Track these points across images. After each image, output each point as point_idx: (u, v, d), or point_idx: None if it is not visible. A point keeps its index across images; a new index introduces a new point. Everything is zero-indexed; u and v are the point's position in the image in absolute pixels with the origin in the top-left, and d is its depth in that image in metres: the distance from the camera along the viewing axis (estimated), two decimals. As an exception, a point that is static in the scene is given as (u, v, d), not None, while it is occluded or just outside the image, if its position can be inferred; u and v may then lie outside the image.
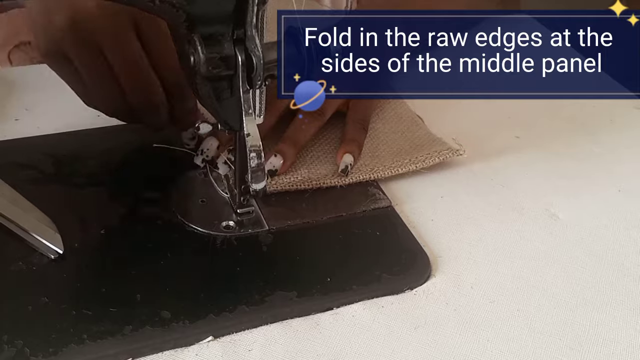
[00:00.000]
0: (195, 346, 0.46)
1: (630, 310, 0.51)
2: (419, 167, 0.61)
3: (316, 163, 0.61)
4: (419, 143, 0.63)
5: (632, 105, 0.74)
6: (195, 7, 0.45)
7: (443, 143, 0.63)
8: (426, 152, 0.62)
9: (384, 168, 0.60)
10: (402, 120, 0.67)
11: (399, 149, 0.63)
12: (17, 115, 0.65)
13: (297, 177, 0.59)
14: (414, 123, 0.66)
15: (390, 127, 0.66)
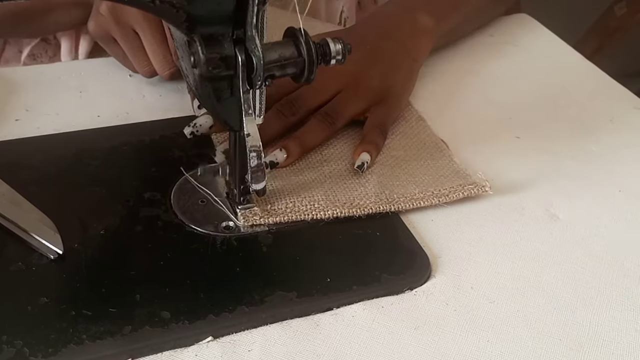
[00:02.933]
0: (194, 346, 0.46)
1: (630, 310, 0.51)
2: (442, 201, 0.58)
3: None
4: (442, 173, 0.60)
5: (632, 105, 0.74)
6: (195, 8, 0.45)
7: (467, 176, 0.60)
8: (450, 184, 0.59)
9: (405, 200, 0.57)
10: (425, 146, 0.64)
11: (421, 178, 0.60)
12: (17, 115, 0.65)
13: (314, 200, 0.57)
14: (438, 149, 0.64)
15: (413, 153, 0.63)
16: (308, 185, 0.58)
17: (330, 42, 0.50)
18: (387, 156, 0.62)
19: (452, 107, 0.72)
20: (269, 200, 0.55)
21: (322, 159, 0.62)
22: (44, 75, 0.71)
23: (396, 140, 0.64)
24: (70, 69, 0.73)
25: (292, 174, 0.59)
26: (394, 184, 0.59)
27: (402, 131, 0.66)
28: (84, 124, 0.65)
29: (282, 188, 0.57)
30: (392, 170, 0.61)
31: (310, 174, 0.60)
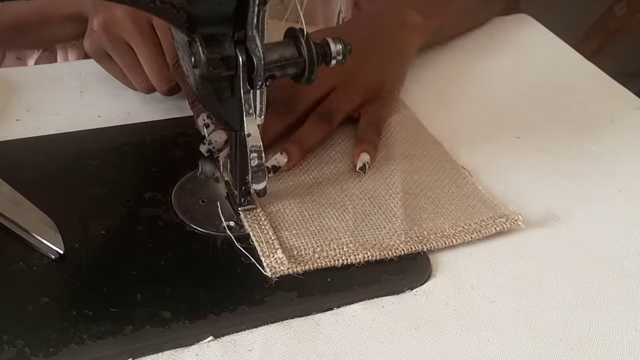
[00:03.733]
0: (195, 346, 0.46)
1: (630, 310, 0.51)
2: (474, 237, 0.55)
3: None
4: (469, 203, 0.58)
5: (632, 105, 0.74)
6: (196, 8, 0.45)
7: (495, 206, 0.58)
8: (479, 217, 0.56)
9: (436, 237, 0.54)
10: (445, 171, 0.61)
11: (448, 209, 0.57)
12: (18, 115, 0.65)
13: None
14: (459, 175, 0.61)
15: (434, 178, 0.61)
16: (333, 224, 0.54)
17: (331, 42, 0.50)
18: (409, 181, 0.59)
19: (452, 107, 0.72)
20: (294, 245, 0.52)
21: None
22: (45, 76, 0.72)
23: (417, 163, 0.62)
24: (71, 69, 0.73)
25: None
26: (421, 217, 0.56)
27: (421, 153, 0.63)
28: (85, 124, 0.65)
29: (305, 229, 0.54)
30: (417, 199, 0.58)
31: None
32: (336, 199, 0.57)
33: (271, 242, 0.52)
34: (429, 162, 0.62)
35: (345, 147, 0.63)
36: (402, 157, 0.62)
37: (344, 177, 0.60)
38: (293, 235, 0.53)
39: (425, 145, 0.64)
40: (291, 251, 0.52)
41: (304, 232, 0.53)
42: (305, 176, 0.59)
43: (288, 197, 0.57)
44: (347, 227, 0.54)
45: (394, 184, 0.59)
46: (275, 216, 0.55)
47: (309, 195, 0.57)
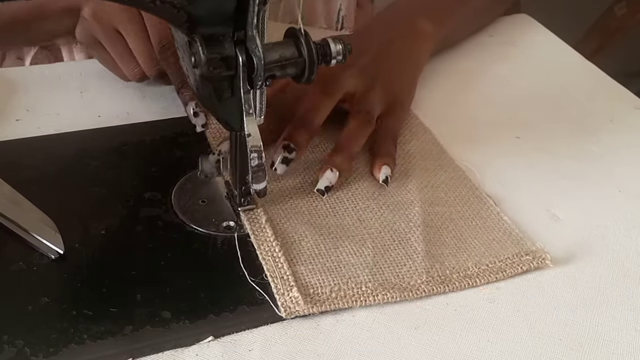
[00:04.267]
0: (195, 346, 0.46)
1: (630, 310, 0.51)
2: (499, 277, 0.52)
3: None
4: (493, 237, 0.55)
5: (632, 105, 0.74)
6: (196, 8, 0.45)
7: (521, 241, 0.55)
8: (504, 254, 0.54)
9: (459, 277, 0.52)
10: (468, 201, 0.59)
11: (472, 243, 0.55)
12: (18, 115, 0.65)
13: None
14: (483, 204, 0.58)
15: (456, 209, 0.58)
16: (351, 260, 0.52)
17: (331, 42, 0.50)
18: (430, 213, 0.57)
19: (452, 107, 0.72)
20: (310, 282, 0.50)
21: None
22: (44, 76, 0.71)
23: (438, 193, 0.59)
24: (71, 69, 0.73)
25: None
26: (443, 253, 0.53)
27: (443, 180, 0.61)
28: (85, 124, 0.65)
29: (322, 264, 0.51)
30: (439, 233, 0.55)
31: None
32: (354, 230, 0.54)
33: (286, 278, 0.49)
34: (450, 191, 0.60)
35: (359, 169, 0.60)
36: (423, 187, 0.59)
37: (362, 205, 0.57)
38: (309, 271, 0.50)
39: (445, 171, 0.62)
40: (307, 289, 0.49)
41: (320, 267, 0.51)
42: (320, 202, 0.57)
43: (304, 226, 0.54)
44: (365, 263, 0.52)
45: (414, 215, 0.56)
46: (291, 248, 0.52)
47: (325, 225, 0.55)
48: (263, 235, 0.53)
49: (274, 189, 0.58)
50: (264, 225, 0.54)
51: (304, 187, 0.59)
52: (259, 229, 0.53)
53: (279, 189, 0.58)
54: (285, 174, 0.58)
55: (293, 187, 0.58)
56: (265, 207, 0.56)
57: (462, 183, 0.61)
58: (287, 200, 0.57)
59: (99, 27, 0.64)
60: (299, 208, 0.56)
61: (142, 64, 0.66)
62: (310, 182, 0.59)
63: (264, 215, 0.55)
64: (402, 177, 0.60)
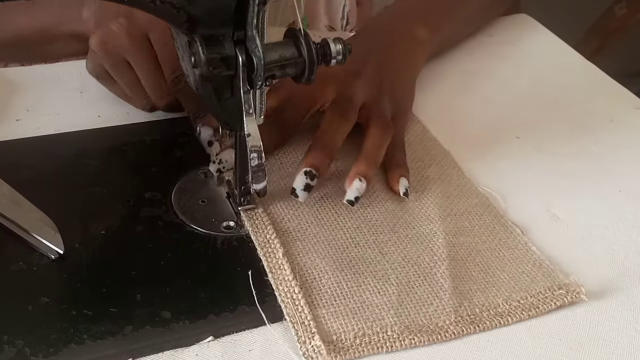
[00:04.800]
0: (195, 346, 0.46)
1: (630, 310, 0.51)
2: (532, 315, 0.49)
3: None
4: (522, 269, 0.53)
5: (632, 105, 0.74)
6: (195, 8, 0.45)
7: (552, 273, 0.52)
8: (536, 288, 0.51)
9: (489, 315, 0.49)
10: (493, 230, 0.56)
11: (500, 277, 0.52)
12: (18, 115, 0.65)
13: None
14: (509, 234, 0.56)
15: (481, 240, 0.55)
16: (374, 300, 0.49)
17: (331, 42, 0.50)
18: (455, 244, 0.54)
19: (452, 108, 0.72)
20: (332, 328, 0.47)
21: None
22: (44, 76, 0.71)
23: (462, 222, 0.57)
24: (71, 69, 0.73)
25: None
26: (471, 289, 0.51)
27: (466, 208, 0.58)
28: (85, 124, 0.65)
29: (344, 305, 0.48)
30: (465, 265, 0.53)
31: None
32: (377, 265, 0.52)
33: (307, 324, 0.46)
34: (474, 219, 0.57)
35: (375, 194, 0.58)
36: (445, 215, 0.57)
37: (383, 237, 0.54)
38: (331, 315, 0.48)
39: (468, 198, 0.59)
40: (329, 335, 0.46)
41: (342, 309, 0.48)
42: (338, 233, 0.54)
43: (323, 260, 0.51)
44: (390, 303, 0.49)
45: (439, 248, 0.53)
46: (311, 287, 0.49)
47: (346, 259, 0.52)
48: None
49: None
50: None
51: None
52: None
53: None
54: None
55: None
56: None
57: (486, 210, 0.58)
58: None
59: (107, 58, 0.62)
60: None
61: (151, 95, 0.64)
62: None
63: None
64: (423, 205, 0.58)
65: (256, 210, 0.55)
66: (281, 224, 0.54)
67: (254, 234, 0.53)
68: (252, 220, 0.54)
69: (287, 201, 0.56)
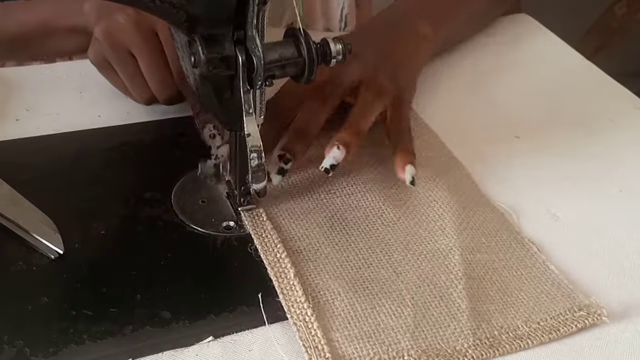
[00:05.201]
0: (195, 346, 0.46)
1: (631, 310, 0.51)
2: (553, 337, 0.48)
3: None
4: (541, 289, 0.51)
5: (632, 105, 0.74)
6: (195, 8, 0.45)
7: (572, 294, 0.51)
8: (556, 308, 0.49)
9: (508, 338, 0.47)
10: (510, 247, 0.54)
11: (519, 297, 0.50)
12: (18, 115, 0.65)
13: None
14: (527, 251, 0.54)
15: (498, 257, 0.53)
16: (390, 322, 0.47)
17: (331, 42, 0.50)
18: (472, 262, 0.52)
19: (452, 107, 0.72)
20: (347, 353, 0.45)
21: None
22: (44, 76, 0.71)
23: (478, 237, 0.55)
24: (70, 69, 0.73)
25: None
26: (489, 310, 0.49)
27: (482, 223, 0.56)
28: (85, 124, 0.65)
29: (359, 328, 0.47)
30: (482, 284, 0.51)
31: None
32: (391, 286, 0.50)
33: (320, 348, 0.45)
34: (491, 235, 0.55)
35: (386, 210, 0.56)
36: (461, 230, 0.55)
37: (397, 256, 0.52)
38: (345, 338, 0.46)
39: (483, 212, 0.57)
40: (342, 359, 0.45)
41: (357, 333, 0.46)
42: (351, 253, 0.53)
43: (335, 281, 0.50)
44: (406, 326, 0.47)
45: (455, 265, 0.52)
46: (324, 309, 0.48)
47: (359, 280, 0.50)
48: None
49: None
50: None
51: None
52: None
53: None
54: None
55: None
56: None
57: (503, 226, 0.56)
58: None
59: (110, 47, 0.62)
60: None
61: (153, 88, 0.64)
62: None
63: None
64: (438, 217, 0.56)
65: (262, 222, 0.54)
66: (291, 243, 0.52)
67: (264, 253, 0.51)
68: (259, 236, 0.53)
69: (297, 219, 0.55)
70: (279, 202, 0.56)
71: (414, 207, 0.57)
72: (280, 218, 0.55)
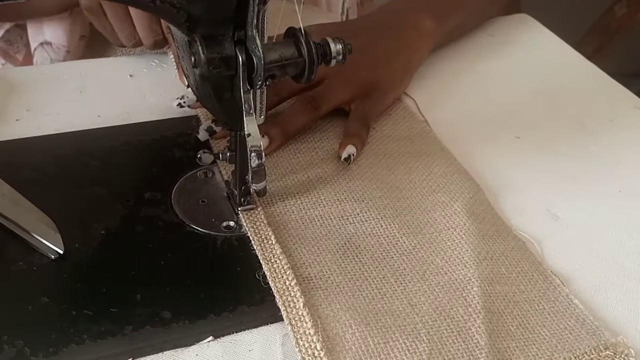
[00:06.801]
0: (195, 346, 0.46)
1: (630, 310, 0.51)
2: None
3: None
4: (565, 325, 0.48)
5: (632, 105, 0.74)
6: (196, 8, 0.45)
7: (598, 331, 0.48)
8: (580, 348, 0.47)
9: None
10: (532, 279, 0.51)
11: (541, 333, 0.48)
12: (18, 115, 0.65)
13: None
14: (549, 284, 0.51)
15: (519, 289, 0.50)
16: (403, 358, 0.45)
17: (331, 42, 0.50)
18: (491, 294, 0.50)
19: (452, 107, 0.72)
20: None
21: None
22: (44, 76, 0.71)
23: (498, 267, 0.52)
24: (71, 69, 0.73)
25: None
26: (509, 347, 0.46)
27: (502, 252, 0.53)
28: (85, 124, 0.64)
29: None
30: (502, 319, 0.48)
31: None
32: (405, 319, 0.47)
33: None
34: (511, 265, 0.52)
35: (401, 240, 0.54)
36: (481, 259, 0.52)
37: (412, 287, 0.50)
38: None
39: (504, 240, 0.54)
40: None
41: None
42: (364, 282, 0.50)
43: (347, 313, 0.47)
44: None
45: (473, 297, 0.49)
46: (334, 342, 0.45)
47: (372, 311, 0.47)
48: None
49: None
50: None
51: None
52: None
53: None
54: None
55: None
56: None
57: (524, 256, 0.53)
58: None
59: None
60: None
61: (140, 33, 0.67)
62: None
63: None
64: (456, 246, 0.53)
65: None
66: (301, 270, 0.50)
67: (272, 280, 0.49)
68: (267, 261, 0.50)
69: (307, 245, 0.52)
70: (289, 228, 0.54)
71: (430, 235, 0.54)
72: (290, 243, 0.52)
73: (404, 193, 0.58)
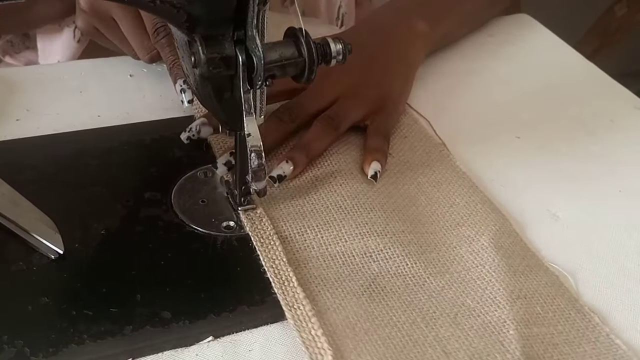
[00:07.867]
0: (195, 346, 0.46)
1: (630, 310, 0.51)
2: None
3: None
4: (590, 352, 0.46)
5: (632, 105, 0.74)
6: (195, 8, 0.45)
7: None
8: None
9: None
10: (569, 318, 0.48)
11: None
12: (18, 115, 0.65)
13: None
14: (589, 323, 0.48)
15: (557, 330, 0.47)
16: None
17: (331, 42, 0.50)
18: (529, 337, 0.46)
19: (452, 107, 0.72)
20: None
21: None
22: (44, 76, 0.71)
23: (533, 306, 0.49)
24: (70, 69, 0.73)
25: None
26: None
27: (536, 289, 0.50)
28: (85, 124, 0.64)
29: None
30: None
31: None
32: None
33: None
34: (547, 304, 0.49)
35: (428, 279, 0.50)
36: (514, 299, 0.49)
37: (444, 332, 0.46)
38: None
39: (536, 275, 0.51)
40: None
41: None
42: (393, 329, 0.46)
43: (373, 354, 0.44)
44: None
45: (510, 342, 0.45)
46: None
47: None
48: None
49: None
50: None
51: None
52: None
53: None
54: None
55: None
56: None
57: (558, 292, 0.50)
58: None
59: (97, 18, 0.67)
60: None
61: (136, 51, 0.68)
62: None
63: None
64: (486, 286, 0.50)
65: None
66: (326, 315, 0.46)
67: (298, 329, 0.45)
68: (290, 307, 0.47)
69: (330, 288, 0.49)
70: (310, 267, 0.51)
71: (459, 274, 0.51)
72: (312, 285, 0.49)
73: (427, 227, 0.55)
